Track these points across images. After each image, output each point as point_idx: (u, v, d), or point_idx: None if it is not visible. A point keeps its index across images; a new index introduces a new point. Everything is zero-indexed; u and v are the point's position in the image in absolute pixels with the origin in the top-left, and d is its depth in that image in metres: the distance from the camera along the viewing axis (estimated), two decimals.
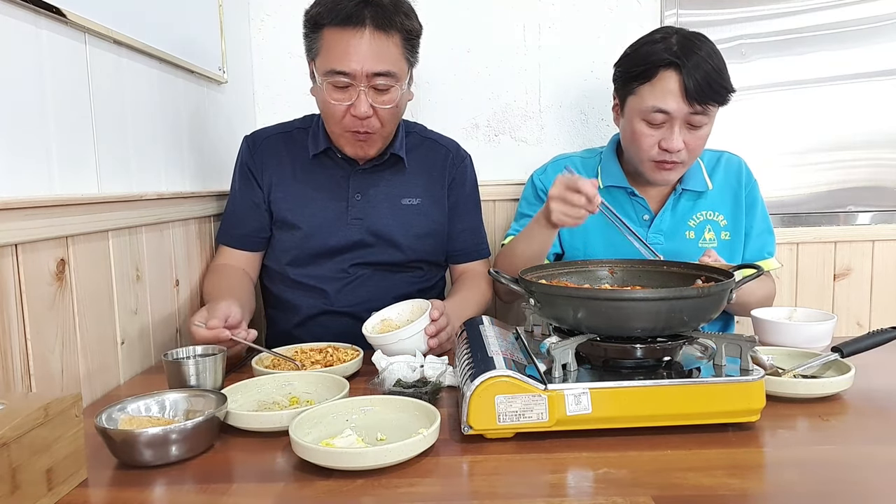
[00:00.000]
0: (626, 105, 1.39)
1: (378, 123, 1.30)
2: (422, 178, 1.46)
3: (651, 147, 1.36)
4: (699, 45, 1.31)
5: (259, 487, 0.74)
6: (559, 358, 0.85)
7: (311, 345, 1.23)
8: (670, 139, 1.34)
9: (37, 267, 0.94)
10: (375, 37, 1.23)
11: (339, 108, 1.28)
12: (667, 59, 1.30)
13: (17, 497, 0.64)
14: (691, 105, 1.30)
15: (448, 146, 1.52)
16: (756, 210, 1.51)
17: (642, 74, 1.34)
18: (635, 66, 1.36)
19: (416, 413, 0.86)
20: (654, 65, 1.32)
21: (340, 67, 1.24)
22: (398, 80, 1.28)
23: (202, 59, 1.51)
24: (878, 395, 0.97)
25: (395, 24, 1.25)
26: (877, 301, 1.95)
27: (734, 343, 0.87)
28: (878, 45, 1.87)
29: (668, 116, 1.32)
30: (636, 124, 1.36)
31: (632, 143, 1.40)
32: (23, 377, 0.91)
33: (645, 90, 1.34)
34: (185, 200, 1.38)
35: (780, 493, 0.70)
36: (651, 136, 1.35)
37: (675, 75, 1.30)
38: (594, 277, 1.12)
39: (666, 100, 1.31)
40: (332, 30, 1.24)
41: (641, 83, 1.34)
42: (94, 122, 1.10)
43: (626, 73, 1.38)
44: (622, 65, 1.41)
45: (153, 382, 1.12)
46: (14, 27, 0.92)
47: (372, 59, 1.23)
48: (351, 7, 1.22)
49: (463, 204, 1.51)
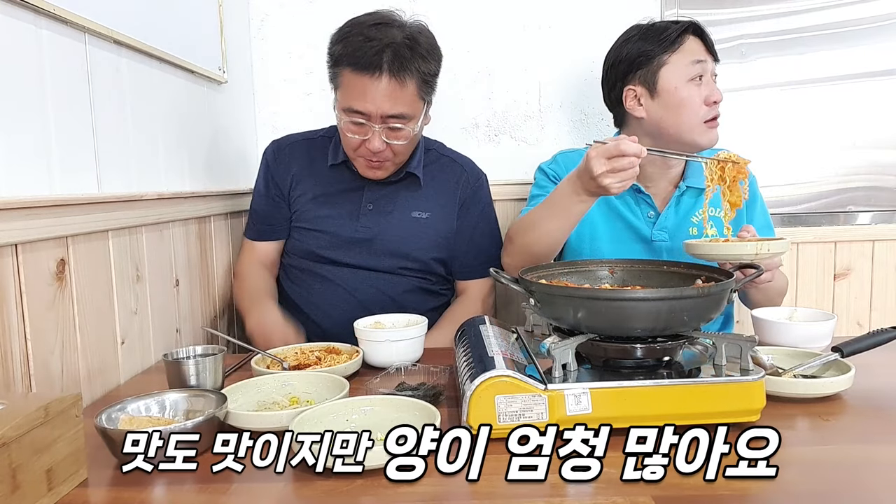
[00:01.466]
0: (661, 78, 1.40)
1: (391, 154, 1.37)
2: (434, 194, 1.50)
3: (701, 105, 1.38)
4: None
5: (259, 487, 0.74)
6: (559, 358, 0.85)
7: (311, 345, 1.23)
8: (713, 88, 1.39)
9: (37, 267, 0.94)
10: (391, 83, 1.28)
11: (355, 140, 1.35)
12: (683, 25, 1.39)
13: (17, 497, 0.64)
14: (711, 53, 1.41)
15: (464, 165, 1.56)
16: (756, 205, 1.51)
17: (667, 44, 1.39)
18: (653, 40, 1.40)
19: (416, 413, 0.86)
20: (677, 30, 1.39)
21: (357, 107, 1.30)
22: (412, 120, 1.34)
23: (202, 59, 1.51)
24: (878, 395, 0.97)
25: (411, 70, 1.30)
26: (877, 301, 1.95)
27: (734, 343, 0.87)
28: (878, 45, 1.87)
29: (703, 66, 1.38)
30: (683, 91, 1.38)
31: (679, 112, 1.39)
32: (23, 377, 0.91)
33: (677, 55, 1.38)
34: (185, 200, 1.38)
35: (780, 493, 0.70)
36: (698, 94, 1.38)
37: (694, 36, 1.40)
38: (594, 277, 1.12)
39: (697, 52, 1.39)
40: (350, 71, 1.30)
41: (669, 52, 1.39)
42: (94, 122, 1.10)
43: (645, 52, 1.41)
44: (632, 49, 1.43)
45: (153, 382, 1.12)
46: (14, 27, 0.92)
47: (387, 103, 1.29)
48: (371, 55, 1.27)
49: (473, 224, 1.53)
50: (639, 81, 1.42)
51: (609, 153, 1.11)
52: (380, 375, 1.08)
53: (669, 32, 1.39)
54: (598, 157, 1.12)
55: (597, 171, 1.12)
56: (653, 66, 1.39)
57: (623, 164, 1.11)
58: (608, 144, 1.12)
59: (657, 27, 1.42)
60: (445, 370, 1.11)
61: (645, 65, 1.41)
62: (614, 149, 1.10)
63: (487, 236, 1.56)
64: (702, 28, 1.41)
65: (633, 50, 1.42)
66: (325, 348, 1.21)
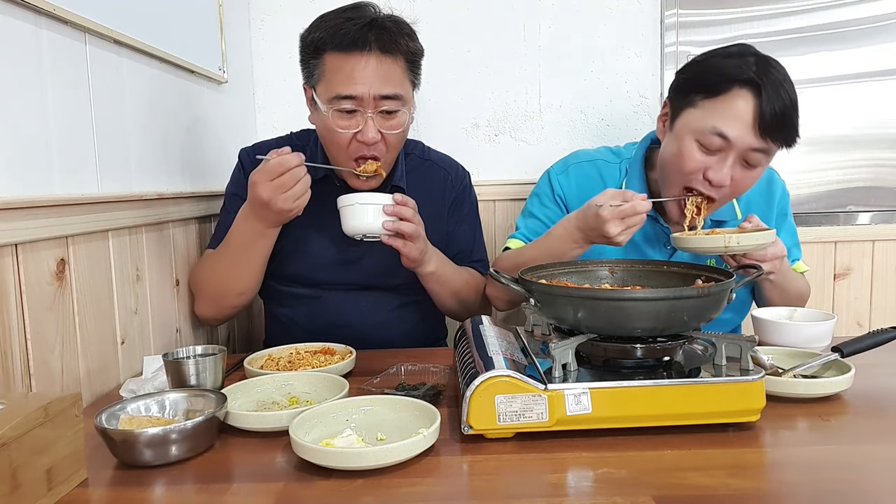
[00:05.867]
0: (680, 118, 1.22)
1: (384, 148, 1.27)
2: (421, 202, 1.36)
3: (694, 173, 1.20)
4: (780, 72, 1.15)
5: (259, 487, 0.74)
6: (559, 358, 0.85)
7: (306, 345, 1.23)
8: (719, 170, 1.18)
9: (37, 267, 0.94)
10: (381, 60, 1.21)
11: (345, 135, 1.23)
12: (746, 75, 1.13)
13: (17, 497, 0.64)
14: (759, 137, 1.14)
15: (447, 168, 1.50)
16: (784, 226, 1.45)
17: (711, 87, 1.16)
18: (704, 75, 1.18)
19: (416, 413, 0.86)
20: (728, 78, 1.14)
21: (347, 92, 1.20)
22: (405, 104, 1.26)
23: (202, 59, 1.51)
24: (878, 395, 0.97)
25: (399, 46, 1.23)
26: (877, 301, 1.96)
27: (734, 343, 0.87)
28: (878, 45, 1.87)
29: (726, 144, 1.16)
30: (686, 144, 1.19)
31: (672, 162, 1.24)
32: (23, 377, 0.91)
33: (709, 106, 1.16)
34: (185, 200, 1.38)
35: (780, 493, 0.70)
36: (699, 161, 1.19)
37: (752, 97, 1.13)
38: (594, 277, 1.12)
39: (731, 124, 1.14)
40: (335, 55, 1.21)
41: (707, 97, 1.17)
42: (94, 122, 1.10)
43: (691, 81, 1.21)
44: (687, 71, 1.24)
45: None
46: (14, 27, 0.92)
47: (379, 81, 1.21)
48: (355, 31, 1.19)
49: (461, 225, 1.50)
50: (673, 104, 1.26)
51: (624, 214, 1.11)
52: (380, 375, 1.08)
53: (728, 73, 1.15)
54: (615, 219, 1.11)
55: (613, 232, 1.11)
56: (687, 98, 1.21)
57: (636, 221, 1.12)
58: (624, 207, 1.11)
59: (721, 63, 1.17)
60: (445, 370, 1.11)
61: (683, 92, 1.23)
62: (630, 209, 1.11)
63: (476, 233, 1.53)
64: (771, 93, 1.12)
65: (691, 69, 1.23)
66: (320, 349, 1.22)
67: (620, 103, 1.89)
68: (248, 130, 1.85)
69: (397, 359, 1.17)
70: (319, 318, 1.41)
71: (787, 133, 1.16)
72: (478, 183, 1.57)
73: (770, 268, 1.22)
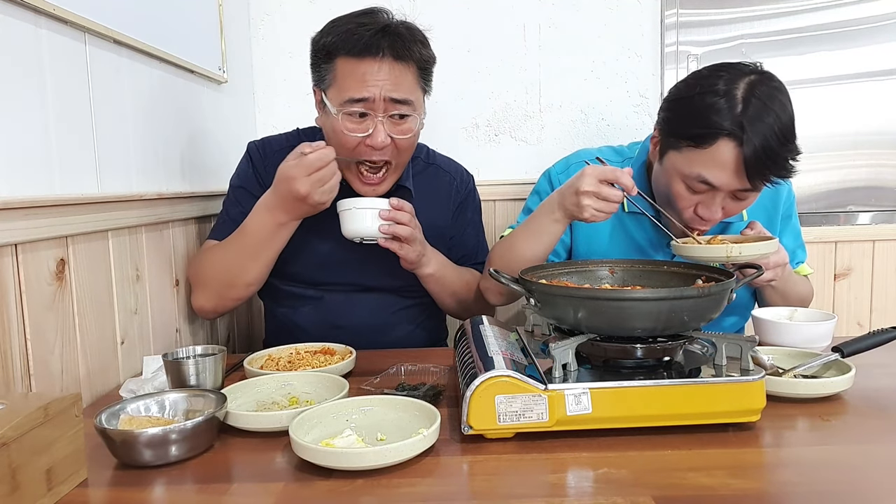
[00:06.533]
0: (668, 157, 1.21)
1: (394, 152, 1.27)
2: (427, 206, 1.40)
3: (685, 210, 1.22)
4: (768, 106, 1.10)
5: (259, 487, 0.74)
6: (559, 358, 0.85)
7: (306, 345, 1.23)
8: (709, 208, 1.19)
9: (37, 267, 0.94)
10: (393, 66, 1.21)
11: (354, 139, 1.23)
12: (726, 128, 1.10)
13: (17, 497, 0.64)
14: (746, 181, 1.13)
15: (453, 173, 1.51)
16: (789, 227, 1.44)
17: (694, 137, 1.14)
18: (687, 123, 1.16)
19: (416, 413, 0.86)
20: (710, 130, 1.11)
21: (358, 95, 1.20)
22: (415, 110, 1.26)
23: (202, 59, 1.51)
24: (878, 395, 0.97)
25: (412, 53, 1.23)
26: (877, 301, 1.96)
27: (734, 343, 0.87)
28: (878, 45, 1.87)
29: (712, 188, 1.16)
30: (674, 184, 1.20)
31: (665, 193, 1.25)
32: (23, 377, 0.91)
33: (694, 155, 1.15)
34: (185, 200, 1.38)
35: (780, 493, 0.70)
36: (688, 199, 1.20)
37: (734, 147, 1.10)
38: (594, 277, 1.12)
39: (716, 174, 1.13)
40: (347, 60, 1.21)
41: (690, 146, 1.15)
42: (94, 123, 1.10)
43: (675, 124, 1.19)
44: (671, 110, 1.21)
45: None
46: (14, 27, 0.92)
47: (390, 85, 1.21)
48: (368, 37, 1.19)
49: (464, 227, 1.51)
50: (661, 136, 1.24)
51: (604, 175, 1.10)
52: (380, 375, 1.08)
53: (710, 123, 1.11)
54: (593, 174, 1.11)
55: (584, 186, 1.10)
56: (671, 139, 1.20)
57: (609, 193, 1.10)
58: (608, 167, 1.11)
59: (705, 106, 1.12)
60: (445, 370, 1.11)
61: (667, 130, 1.21)
62: (610, 173, 1.10)
63: (479, 236, 1.54)
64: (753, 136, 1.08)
65: (676, 109, 1.20)
66: (320, 349, 1.22)
67: (620, 103, 1.90)
68: (247, 130, 1.85)
69: (397, 359, 1.17)
70: (320, 319, 1.40)
71: (777, 171, 1.12)
72: (478, 183, 1.57)
73: (772, 276, 1.21)
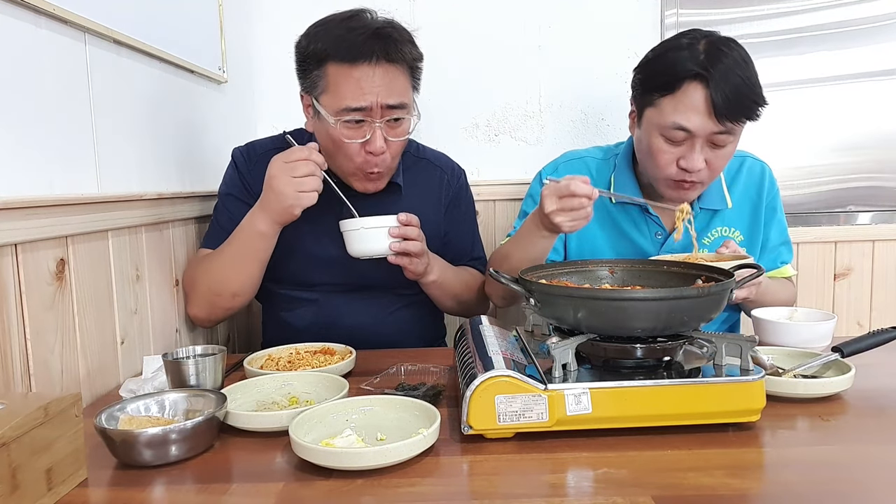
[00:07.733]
0: (644, 117, 1.28)
1: (389, 158, 1.27)
2: (417, 201, 1.39)
3: (668, 165, 1.26)
4: (727, 53, 1.19)
5: (259, 487, 0.74)
6: (559, 358, 0.85)
7: (306, 345, 1.23)
8: (691, 158, 1.23)
9: (37, 267, 0.94)
10: (387, 70, 1.20)
11: (354, 146, 1.23)
12: (692, 70, 1.18)
13: (17, 497, 0.64)
14: (718, 123, 1.19)
15: (443, 167, 1.49)
16: (774, 221, 1.45)
17: (664, 85, 1.22)
18: (657, 74, 1.24)
19: (416, 413, 0.86)
20: (677, 76, 1.20)
21: (356, 104, 1.19)
22: (409, 111, 1.26)
23: (202, 59, 1.51)
24: (878, 395, 0.97)
25: (404, 55, 1.23)
26: (877, 301, 1.96)
27: (734, 343, 0.87)
28: (878, 45, 1.87)
29: (689, 135, 1.22)
30: (654, 140, 1.26)
31: (648, 158, 1.30)
32: (23, 377, 0.91)
33: (666, 103, 1.22)
34: (185, 200, 1.38)
35: (780, 493, 0.70)
36: (670, 153, 1.25)
37: (702, 89, 1.18)
38: (594, 277, 1.12)
39: (689, 116, 1.20)
40: (340, 66, 1.20)
41: (662, 95, 1.22)
42: (94, 122, 1.10)
43: (647, 81, 1.27)
44: (642, 71, 1.30)
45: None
46: (14, 27, 0.92)
47: (385, 91, 1.20)
48: (360, 42, 1.18)
49: (458, 223, 1.50)
50: (636, 103, 1.32)
51: (560, 192, 1.12)
52: (380, 375, 1.08)
53: (676, 70, 1.20)
54: (550, 195, 1.13)
55: (548, 208, 1.13)
56: (645, 98, 1.27)
57: (573, 203, 1.12)
58: (560, 183, 1.13)
59: (671, 58, 1.22)
60: (445, 370, 1.11)
61: (640, 91, 1.29)
62: (564, 188, 1.12)
63: (473, 231, 1.54)
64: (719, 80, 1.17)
65: (645, 69, 1.28)
66: (320, 349, 1.22)
67: (621, 103, 1.88)
68: (247, 130, 1.85)
69: (397, 359, 1.17)
70: (318, 321, 1.40)
71: (745, 111, 1.20)
72: (478, 183, 1.58)
73: (746, 294, 1.22)
